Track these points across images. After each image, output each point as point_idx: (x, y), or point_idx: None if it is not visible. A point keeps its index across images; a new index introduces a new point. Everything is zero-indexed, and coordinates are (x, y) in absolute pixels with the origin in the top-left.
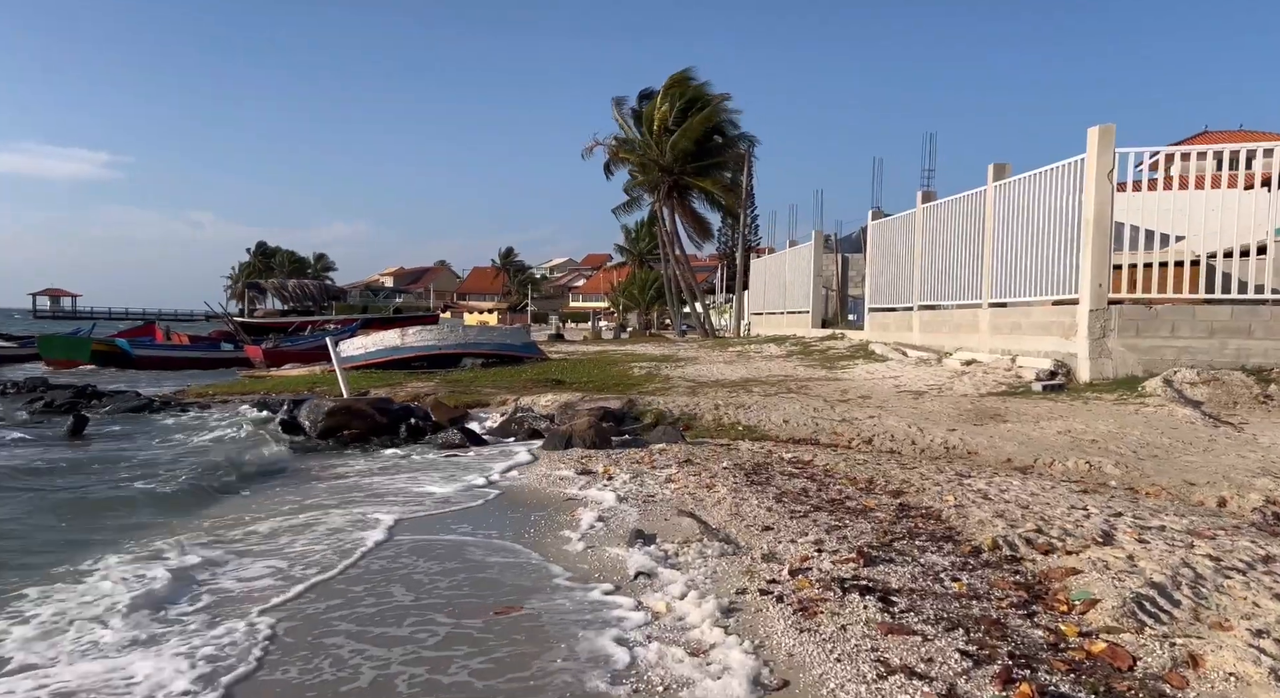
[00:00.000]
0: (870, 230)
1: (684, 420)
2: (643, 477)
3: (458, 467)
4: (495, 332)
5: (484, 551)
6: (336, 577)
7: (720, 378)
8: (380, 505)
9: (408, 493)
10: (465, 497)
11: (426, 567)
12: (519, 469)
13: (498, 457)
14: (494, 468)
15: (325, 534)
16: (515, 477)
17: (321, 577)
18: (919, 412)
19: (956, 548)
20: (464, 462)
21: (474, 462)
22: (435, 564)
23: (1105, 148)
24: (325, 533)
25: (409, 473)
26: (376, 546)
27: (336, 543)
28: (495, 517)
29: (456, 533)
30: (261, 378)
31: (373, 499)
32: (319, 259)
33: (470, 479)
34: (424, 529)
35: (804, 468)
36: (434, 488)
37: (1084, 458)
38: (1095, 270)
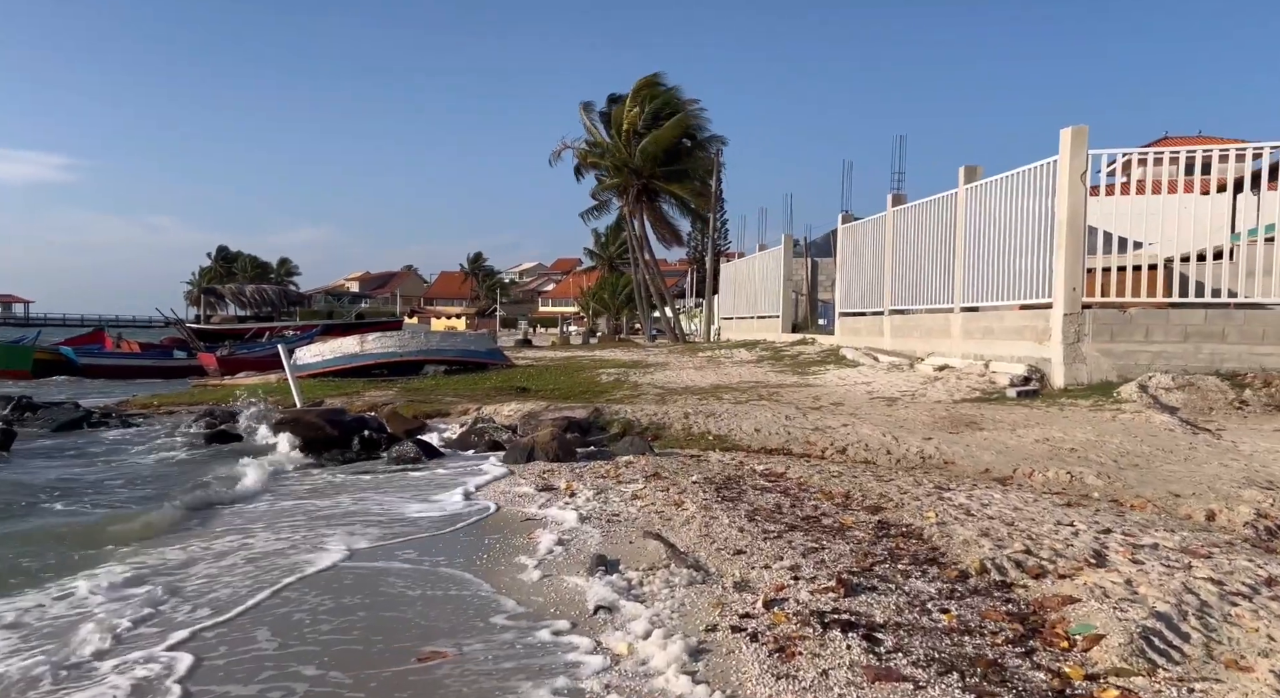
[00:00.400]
0: (840, 234)
1: (652, 430)
2: (607, 493)
3: (409, 483)
4: (458, 338)
5: (426, 581)
6: (236, 617)
7: (690, 385)
8: (317, 529)
9: (351, 515)
10: (414, 518)
11: (349, 603)
12: (476, 486)
13: (454, 471)
14: (449, 485)
15: (243, 563)
16: (470, 495)
17: (215, 620)
18: (893, 419)
19: (942, 572)
20: (417, 478)
21: (428, 477)
22: (361, 599)
23: (1078, 149)
24: (243, 562)
25: (356, 492)
26: (300, 579)
27: (254, 575)
28: (445, 540)
29: (399, 560)
30: (212, 387)
31: (311, 522)
32: (282, 264)
33: (422, 498)
34: (362, 556)
35: (777, 481)
36: (381, 509)
37: (1064, 468)
38: (1069, 274)
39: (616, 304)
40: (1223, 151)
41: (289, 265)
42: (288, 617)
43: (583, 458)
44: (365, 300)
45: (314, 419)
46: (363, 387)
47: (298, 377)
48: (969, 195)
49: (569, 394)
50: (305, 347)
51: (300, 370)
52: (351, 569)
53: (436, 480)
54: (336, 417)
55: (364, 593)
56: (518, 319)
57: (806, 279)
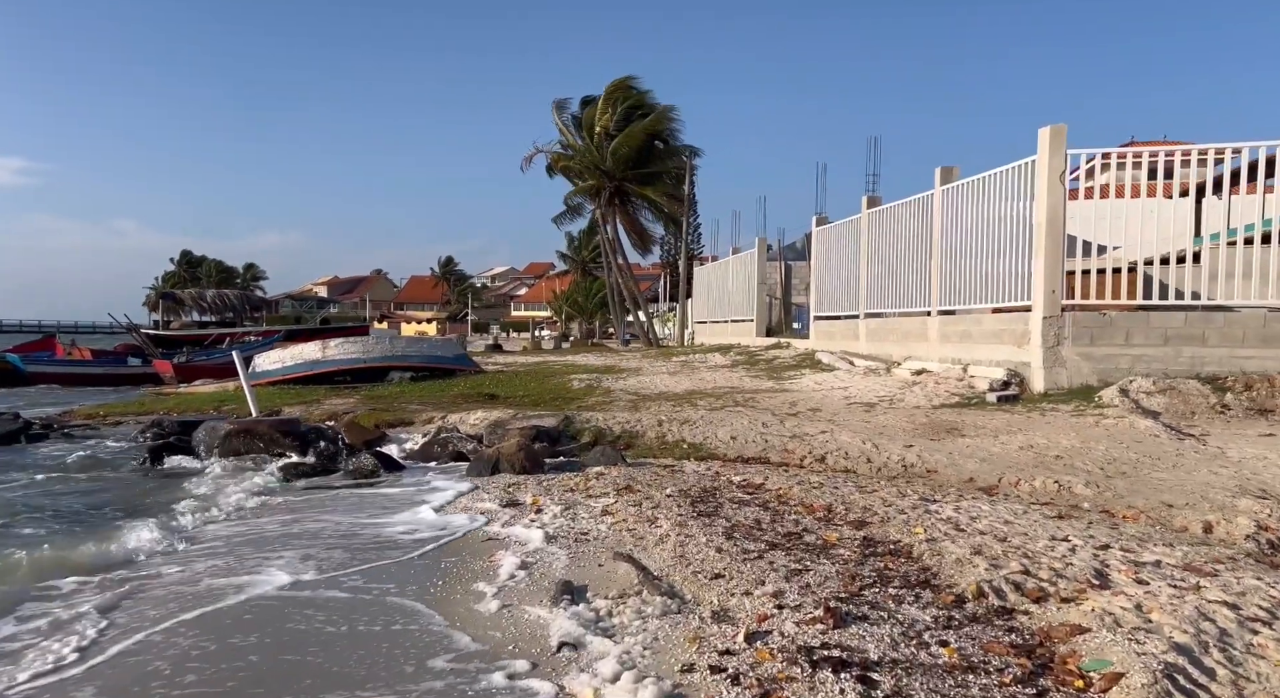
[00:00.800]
0: (814, 237)
1: (625, 439)
2: (576, 509)
3: (365, 500)
4: (425, 343)
5: (366, 614)
6: (121, 654)
7: (664, 390)
8: (258, 555)
9: (296, 536)
10: (367, 539)
11: (240, 644)
12: (436, 503)
13: (414, 486)
14: (407, 501)
15: (143, 601)
16: (428, 510)
17: (96, 661)
18: (872, 426)
19: (937, 597)
20: (373, 494)
21: (385, 493)
22: (260, 638)
23: (1057, 149)
24: (162, 594)
25: (307, 510)
26: (199, 616)
27: (171, 607)
28: (398, 565)
29: (340, 588)
30: (165, 395)
31: (254, 546)
32: (248, 269)
33: (377, 516)
34: (300, 585)
35: (755, 493)
36: (332, 529)
37: (1051, 477)
38: (1049, 276)
39: (590, 308)
40: (1201, 155)
41: (255, 270)
42: (142, 667)
43: (551, 469)
44: (333, 305)
45: (266, 430)
46: (324, 394)
47: (257, 384)
48: (945, 197)
49: (539, 401)
50: (264, 353)
51: (259, 378)
52: (272, 601)
53: (394, 497)
54: (290, 427)
55: (269, 631)
56: (489, 324)
57: (780, 282)
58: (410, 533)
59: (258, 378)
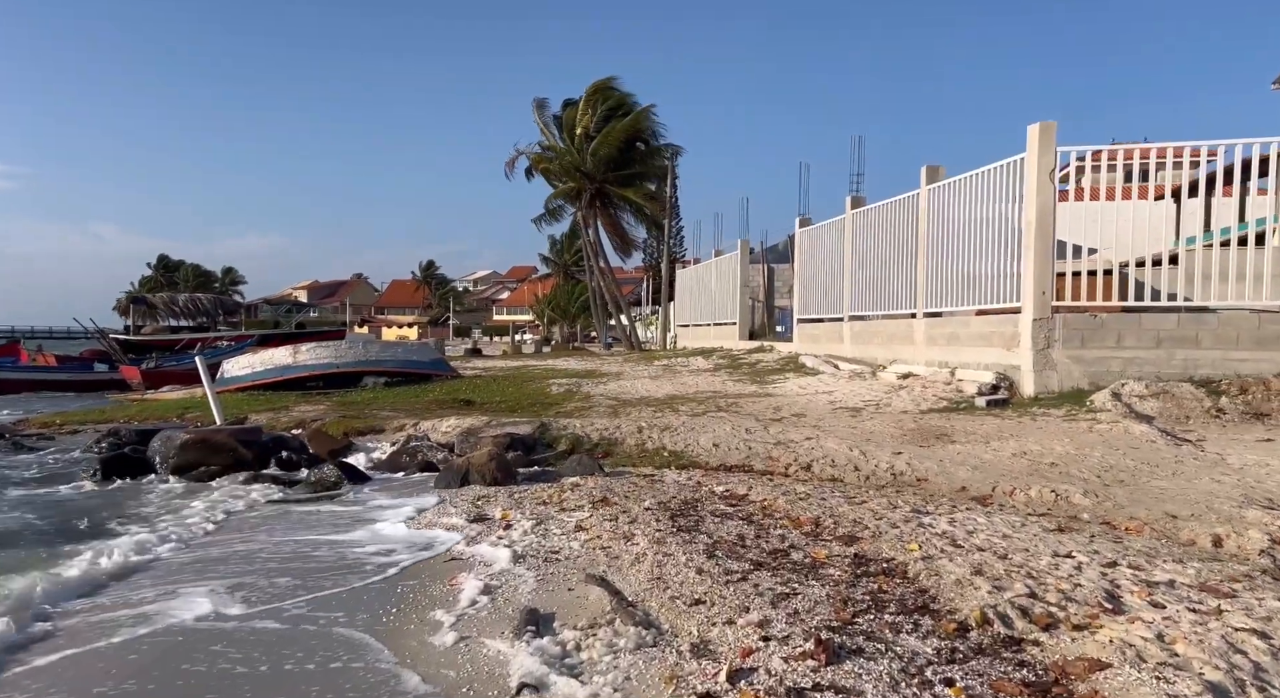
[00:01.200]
0: (798, 238)
1: (603, 446)
2: (548, 524)
3: (324, 516)
4: (400, 348)
5: (307, 648)
6: None
7: (645, 395)
8: (193, 578)
9: (240, 557)
10: (319, 559)
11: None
12: (398, 518)
13: (378, 498)
14: (367, 517)
15: (87, 628)
16: (390, 527)
17: None
18: (859, 432)
19: (938, 625)
20: (333, 509)
21: (346, 508)
22: (169, 683)
23: (1046, 146)
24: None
25: (260, 528)
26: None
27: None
28: (351, 590)
29: (278, 618)
30: (130, 402)
31: (185, 570)
32: (227, 273)
33: (335, 533)
34: (236, 614)
35: (739, 504)
36: (281, 548)
37: (1048, 485)
38: (1038, 277)
39: (572, 312)
40: (1192, 156)
41: (234, 274)
42: None
43: (525, 480)
44: (313, 310)
45: (225, 440)
46: (295, 401)
47: (225, 391)
48: (931, 196)
49: (516, 407)
50: (233, 358)
51: (228, 384)
52: (183, 636)
53: (355, 512)
54: (251, 436)
55: (161, 675)
56: (471, 328)
57: (763, 285)
58: (368, 553)
59: (226, 384)
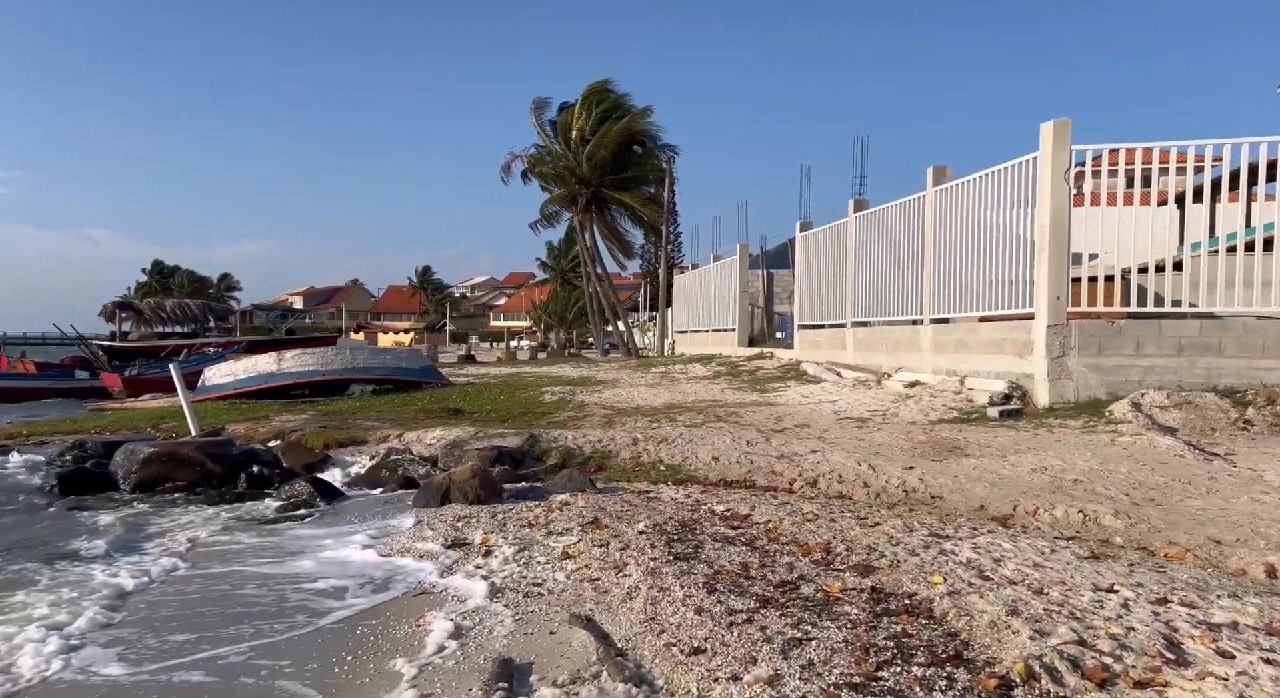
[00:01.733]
0: (798, 242)
1: (596, 460)
2: (532, 550)
3: (288, 541)
4: (389, 354)
5: None
6: None
7: (641, 404)
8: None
9: (178, 591)
10: (271, 595)
11: None
12: (368, 542)
13: (349, 520)
14: (335, 541)
15: None
16: (358, 553)
17: None
18: (867, 444)
19: (975, 680)
20: (300, 532)
21: (314, 530)
22: None
23: (1061, 145)
24: None
25: (213, 557)
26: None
27: None
28: (301, 632)
29: (212, 669)
30: (106, 411)
31: (113, 608)
32: (223, 279)
33: (297, 560)
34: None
35: (741, 526)
36: (227, 579)
37: (1074, 505)
38: (1053, 282)
39: (569, 318)
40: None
41: (230, 280)
42: None
43: (511, 497)
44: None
45: (192, 454)
46: (277, 410)
47: (206, 399)
48: (938, 198)
49: (507, 416)
50: (215, 366)
51: (209, 392)
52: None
53: (323, 536)
54: (220, 450)
55: None
56: (468, 334)
57: (763, 290)
58: (330, 586)
59: (207, 392)
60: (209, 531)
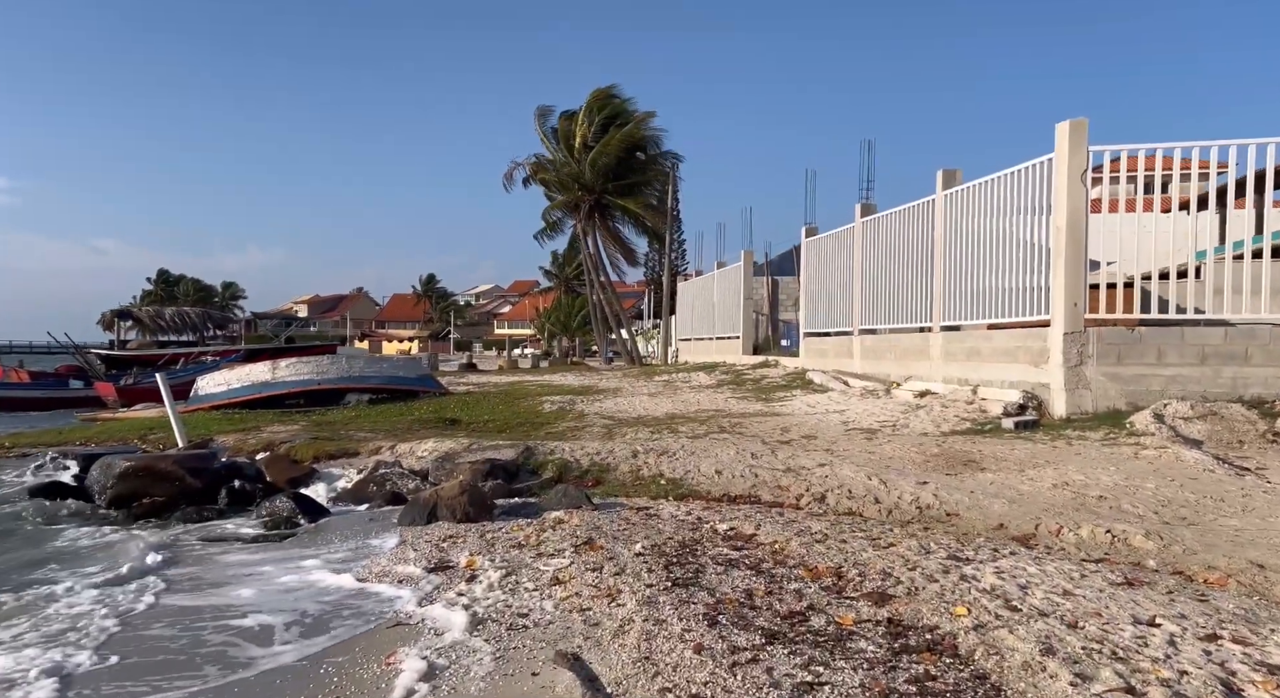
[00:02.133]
0: (804, 248)
1: (594, 473)
2: (520, 574)
3: (263, 562)
4: (386, 363)
5: None
6: None
7: (643, 414)
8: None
9: (137, 628)
10: (236, 628)
11: None
12: (347, 563)
13: (331, 539)
14: (310, 563)
15: None
16: (334, 579)
17: None
18: (877, 457)
19: None
20: (275, 555)
21: (290, 552)
22: None
23: (1077, 146)
24: None
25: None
26: None
27: None
28: (258, 672)
29: None
30: (97, 421)
31: (55, 644)
32: (227, 287)
33: (267, 588)
34: None
35: (745, 547)
36: (189, 611)
37: (1100, 524)
38: (1069, 287)
39: (573, 326)
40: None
41: (234, 289)
42: None
43: (503, 514)
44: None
45: (171, 468)
46: (270, 420)
47: (198, 409)
48: (948, 202)
49: (505, 426)
50: (208, 375)
51: (202, 401)
52: None
53: (300, 557)
54: (201, 464)
55: None
56: (472, 342)
57: (767, 297)
58: (298, 617)
59: (200, 402)
60: (177, 552)
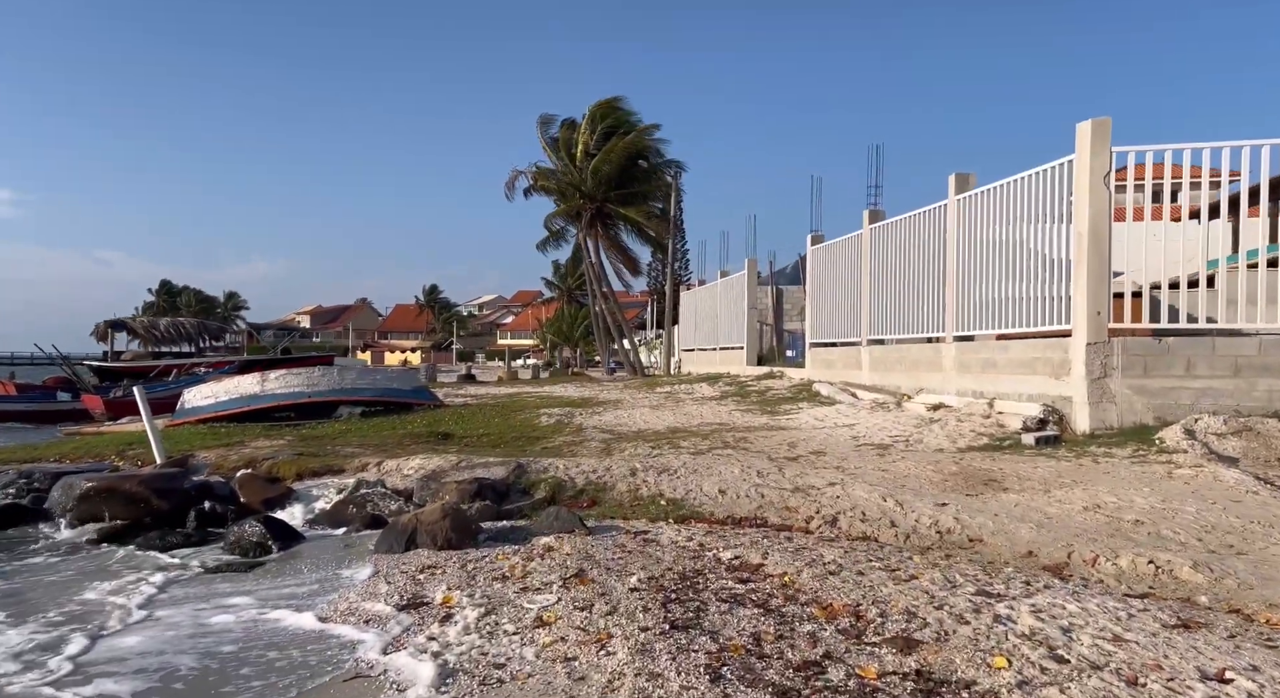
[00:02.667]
0: (810, 256)
1: (589, 493)
2: (500, 614)
3: (218, 595)
4: (379, 375)
5: None
6: None
7: (643, 428)
8: None
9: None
10: (167, 683)
11: None
12: (312, 598)
13: (300, 568)
14: (274, 597)
15: None
16: (294, 618)
17: None
18: (891, 476)
19: None
20: (236, 586)
21: (257, 581)
22: None
23: (1100, 146)
24: None
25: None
26: None
27: None
28: None
29: None
30: (80, 435)
31: None
32: (230, 298)
33: (213, 626)
34: None
35: (752, 579)
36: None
37: (1140, 552)
38: (1092, 295)
39: (575, 337)
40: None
41: (236, 299)
42: None
43: (489, 539)
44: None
45: (135, 489)
46: (257, 434)
47: (184, 422)
48: (962, 206)
49: (500, 441)
50: (195, 387)
51: (188, 415)
52: None
53: (261, 591)
54: (169, 484)
55: None
56: (474, 352)
57: (772, 307)
58: (248, 668)
59: (186, 415)
60: (122, 585)
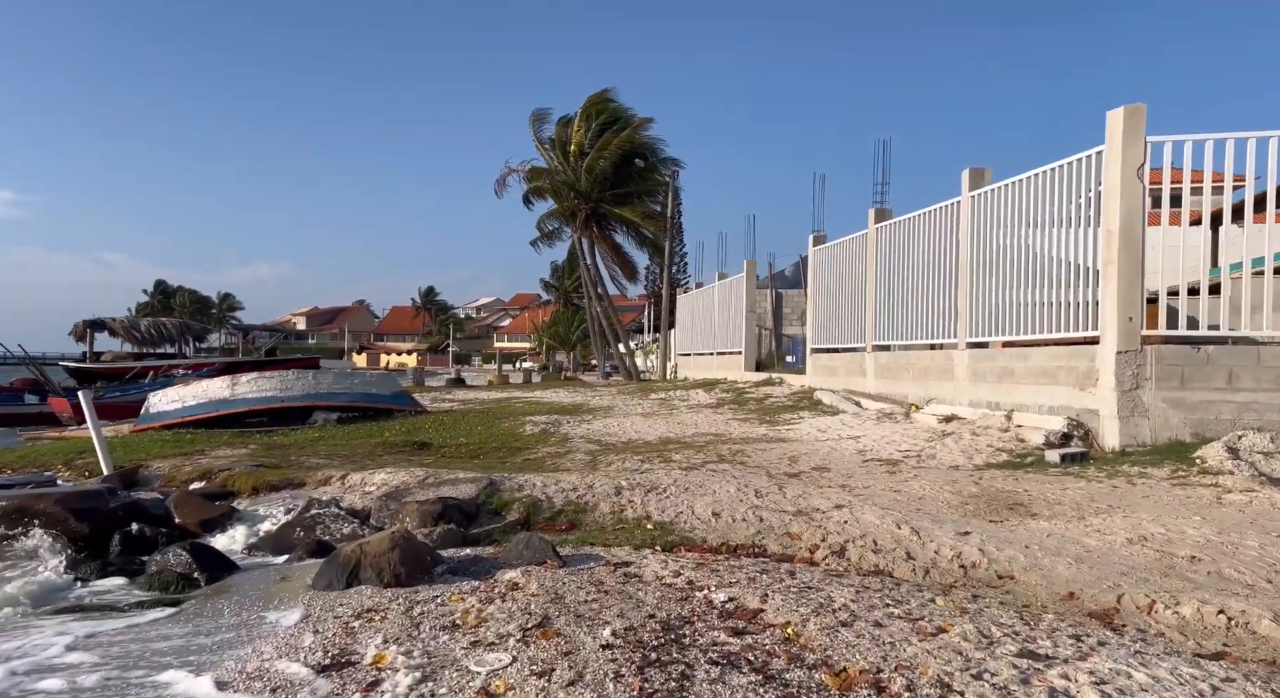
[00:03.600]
0: (811, 257)
1: (568, 515)
2: (440, 679)
3: (106, 646)
4: (357, 379)
5: None
6: None
7: (633, 438)
8: None
9: None
10: None
11: None
12: (219, 655)
13: (222, 610)
14: (180, 650)
15: None
16: (188, 683)
17: None
18: (903, 497)
19: None
20: (125, 637)
21: (165, 627)
22: None
23: (1133, 137)
24: None
25: None
26: None
27: None
28: None
29: None
30: (39, 440)
31: None
32: (225, 299)
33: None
34: None
35: (749, 630)
36: None
37: (1205, 599)
38: (1124, 300)
39: (571, 340)
40: None
41: (231, 300)
42: None
43: (447, 572)
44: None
45: (51, 508)
46: (223, 441)
47: (150, 427)
48: (976, 203)
49: (479, 451)
50: (161, 391)
51: (153, 420)
52: None
53: (165, 638)
54: (91, 504)
55: None
56: (471, 355)
57: (771, 311)
58: None
59: (151, 421)
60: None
